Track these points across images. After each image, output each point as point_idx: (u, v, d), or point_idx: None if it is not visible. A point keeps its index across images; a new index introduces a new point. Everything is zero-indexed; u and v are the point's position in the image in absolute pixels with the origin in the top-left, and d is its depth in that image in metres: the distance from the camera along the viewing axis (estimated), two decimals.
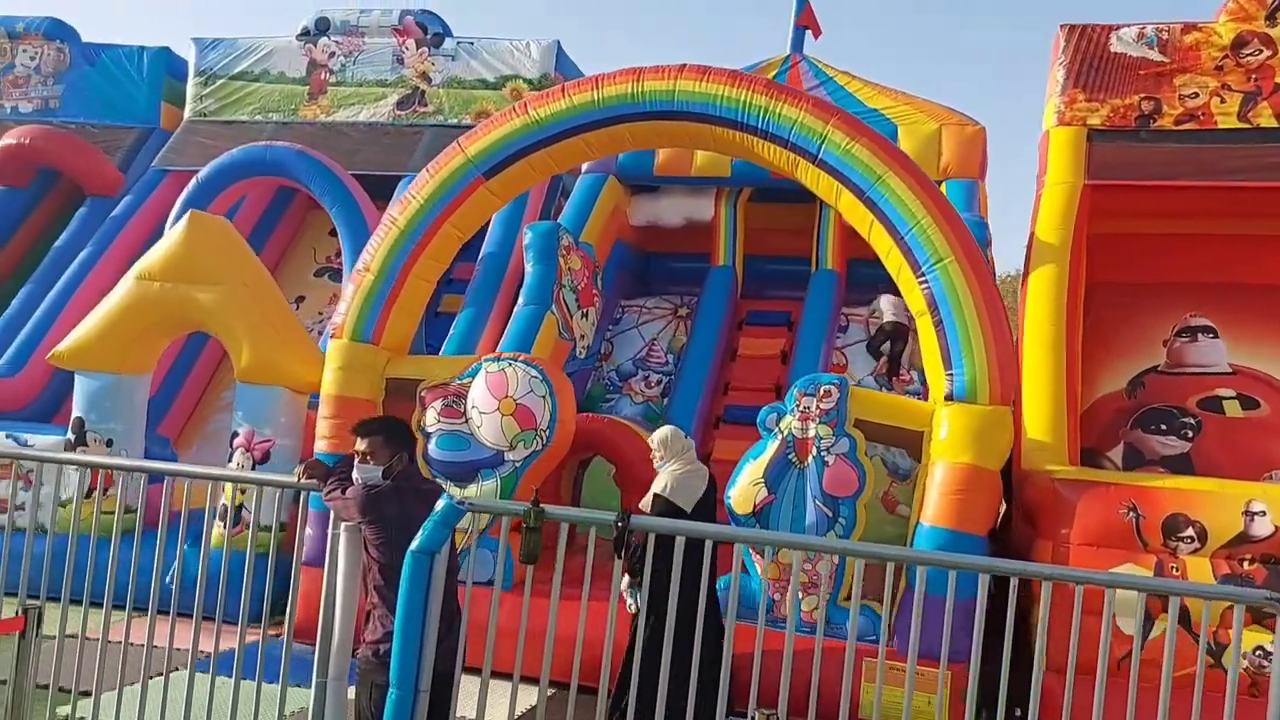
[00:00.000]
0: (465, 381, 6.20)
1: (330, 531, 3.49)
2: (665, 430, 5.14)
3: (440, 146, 11.19)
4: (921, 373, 9.79)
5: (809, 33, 10.62)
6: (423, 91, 11.05)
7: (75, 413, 6.80)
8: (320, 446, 6.28)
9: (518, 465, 6.06)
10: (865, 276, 10.58)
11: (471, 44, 11.00)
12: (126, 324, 6.72)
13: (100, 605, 3.85)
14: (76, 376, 6.85)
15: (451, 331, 9.48)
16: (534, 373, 6.10)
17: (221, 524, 6.54)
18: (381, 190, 10.40)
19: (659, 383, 9.94)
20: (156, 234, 10.56)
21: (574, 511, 3.46)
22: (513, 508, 3.16)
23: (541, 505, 3.05)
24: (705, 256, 10.72)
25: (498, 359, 6.20)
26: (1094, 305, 9.02)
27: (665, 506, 4.83)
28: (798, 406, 5.72)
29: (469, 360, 6.38)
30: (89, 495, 6.46)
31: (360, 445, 3.49)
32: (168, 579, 5.96)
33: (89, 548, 3.83)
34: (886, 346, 9.99)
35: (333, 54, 11.17)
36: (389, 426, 3.68)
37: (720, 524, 5.06)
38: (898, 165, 5.75)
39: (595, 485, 8.20)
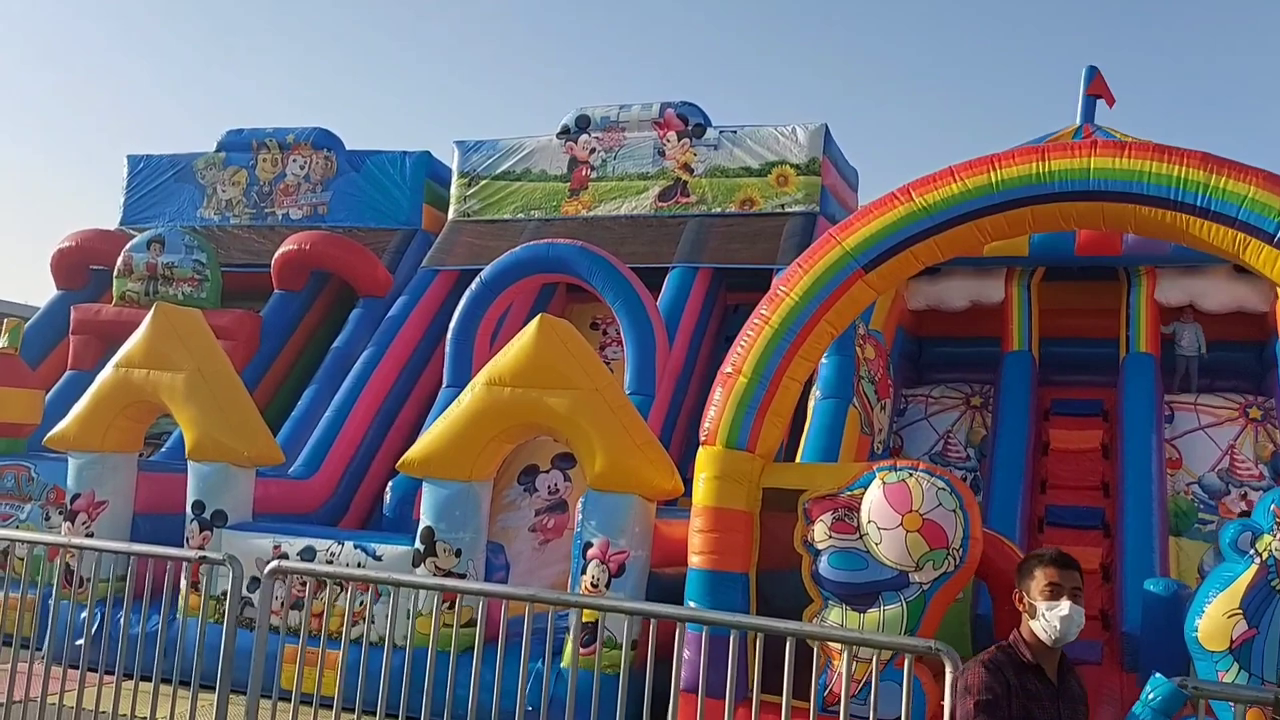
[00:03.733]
0: (856, 493, 5.67)
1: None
2: None
3: (704, 236, 11.14)
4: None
5: (1100, 102, 9.95)
6: (685, 182, 10.93)
7: (424, 522, 6.63)
8: (694, 562, 5.85)
9: (925, 588, 5.44)
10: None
11: (734, 132, 10.85)
12: (477, 431, 6.55)
13: None
14: (425, 485, 6.70)
15: None
16: (941, 484, 5.51)
17: (574, 642, 6.14)
18: (646, 282, 10.22)
19: (965, 479, 9.18)
20: (431, 332, 10.71)
21: None
22: (1262, 696, 2.53)
23: None
24: (989, 340, 10.00)
25: (894, 468, 5.65)
26: None
27: None
28: (1278, 524, 4.91)
29: (857, 469, 5.86)
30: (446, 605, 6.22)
31: (1066, 579, 2.79)
32: (529, 708, 5.54)
33: (434, 662, 4.02)
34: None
35: (593, 150, 11.22)
36: None
37: None
38: None
39: None
